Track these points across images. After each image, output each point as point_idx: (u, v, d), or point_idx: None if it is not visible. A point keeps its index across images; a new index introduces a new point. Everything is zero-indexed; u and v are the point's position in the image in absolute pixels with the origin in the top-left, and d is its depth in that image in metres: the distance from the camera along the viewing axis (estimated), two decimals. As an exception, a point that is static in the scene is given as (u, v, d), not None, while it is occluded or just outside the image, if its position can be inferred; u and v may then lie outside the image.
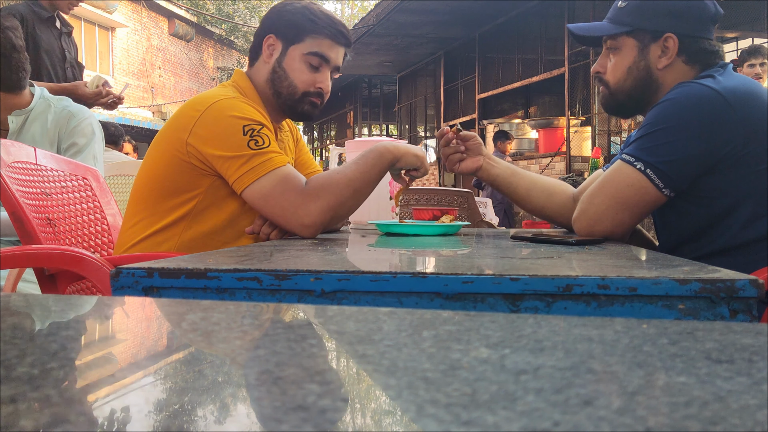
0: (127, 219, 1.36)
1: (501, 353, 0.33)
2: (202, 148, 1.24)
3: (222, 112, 1.25)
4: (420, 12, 8.73)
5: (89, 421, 0.25)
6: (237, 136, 1.23)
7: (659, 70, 1.29)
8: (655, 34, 1.28)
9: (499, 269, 0.69)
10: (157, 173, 1.30)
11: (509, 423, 0.23)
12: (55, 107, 1.81)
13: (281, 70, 1.40)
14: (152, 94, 17.09)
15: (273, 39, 1.41)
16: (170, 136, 1.29)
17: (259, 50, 1.44)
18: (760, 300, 0.61)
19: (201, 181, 1.27)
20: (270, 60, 1.41)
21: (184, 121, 1.27)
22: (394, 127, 15.76)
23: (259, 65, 1.44)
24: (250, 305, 0.48)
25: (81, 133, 1.81)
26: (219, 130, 1.24)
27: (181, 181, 1.27)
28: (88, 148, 1.81)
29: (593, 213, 1.21)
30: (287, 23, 1.40)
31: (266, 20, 1.44)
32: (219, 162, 1.24)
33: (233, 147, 1.23)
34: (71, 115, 1.81)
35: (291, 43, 1.40)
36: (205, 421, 0.25)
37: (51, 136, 1.79)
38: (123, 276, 0.68)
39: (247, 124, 1.24)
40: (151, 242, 1.30)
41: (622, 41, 1.32)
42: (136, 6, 16.48)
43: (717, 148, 1.15)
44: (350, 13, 25.56)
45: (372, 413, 0.27)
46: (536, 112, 9.79)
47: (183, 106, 1.33)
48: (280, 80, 1.40)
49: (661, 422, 0.23)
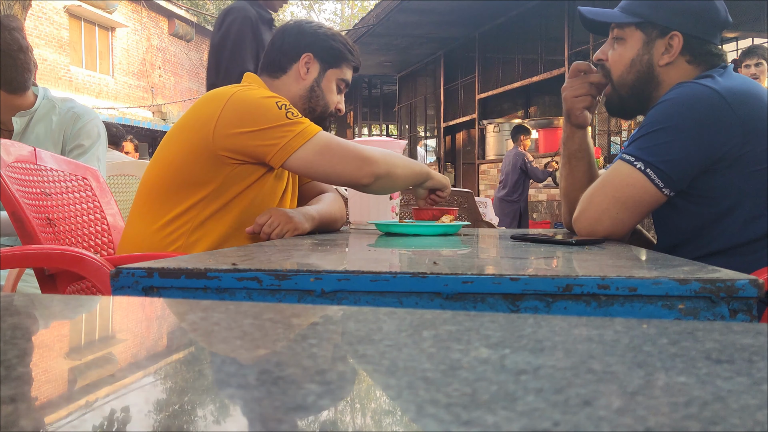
0: (135, 212, 1.37)
1: (501, 353, 0.33)
2: (234, 133, 1.27)
3: (247, 96, 1.30)
4: (420, 12, 8.73)
5: (89, 420, 0.25)
6: (273, 110, 1.28)
7: (660, 66, 1.29)
8: (663, 31, 1.28)
9: (499, 269, 0.69)
10: (173, 166, 1.32)
11: (509, 423, 0.23)
12: (59, 108, 1.81)
13: (320, 90, 1.51)
14: (152, 94, 17.09)
15: (310, 58, 1.49)
16: (191, 132, 1.32)
17: (286, 63, 1.49)
18: (760, 300, 0.61)
19: (220, 171, 1.30)
20: (308, 78, 1.50)
21: (205, 115, 1.30)
22: (394, 127, 15.76)
23: (288, 79, 1.50)
24: (250, 305, 0.48)
25: (87, 135, 1.82)
26: (251, 109, 1.28)
27: (198, 172, 1.30)
28: (92, 150, 1.82)
29: (593, 213, 1.21)
30: (329, 48, 1.50)
31: (301, 38, 1.50)
32: (255, 138, 1.26)
33: (272, 119, 1.27)
34: (77, 116, 1.82)
35: (330, 66, 1.51)
36: (205, 421, 0.25)
37: (56, 137, 1.79)
38: (123, 276, 0.68)
39: (279, 100, 1.31)
40: (163, 233, 1.31)
41: (630, 32, 1.32)
42: (136, 6, 16.48)
43: (716, 147, 1.15)
44: (350, 13, 25.54)
45: (372, 413, 0.27)
46: (536, 112, 9.79)
47: (198, 104, 1.36)
48: (317, 99, 1.51)
49: (661, 422, 0.23)
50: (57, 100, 1.83)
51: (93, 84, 14.96)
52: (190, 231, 1.31)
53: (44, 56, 13.08)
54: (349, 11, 26.07)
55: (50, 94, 1.85)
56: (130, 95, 16.24)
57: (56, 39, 13.77)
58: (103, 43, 15.51)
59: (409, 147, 12.47)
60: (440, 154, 11.49)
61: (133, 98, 16.26)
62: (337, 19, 27.08)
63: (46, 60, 13.23)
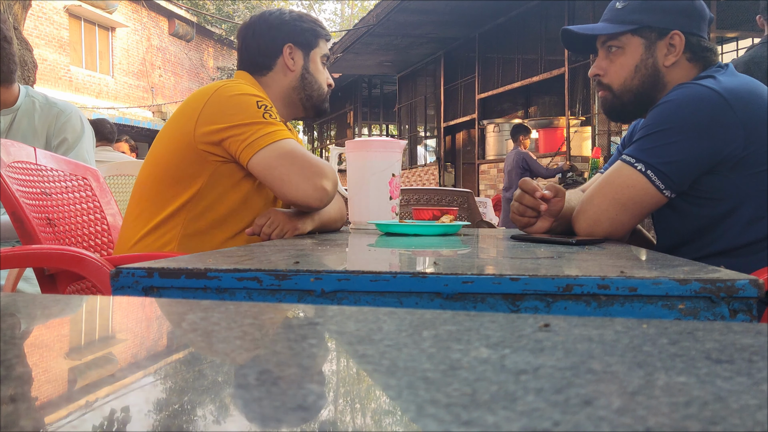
0: (130, 213, 1.37)
1: (501, 353, 0.33)
2: (212, 127, 1.26)
3: (230, 92, 1.29)
4: (420, 12, 8.73)
5: (89, 420, 0.25)
6: (251, 108, 1.28)
7: (666, 67, 1.29)
8: (662, 32, 1.28)
9: (499, 269, 0.69)
10: (160, 164, 1.32)
11: (509, 423, 0.23)
12: (40, 103, 1.80)
13: (310, 75, 1.49)
14: (152, 94, 17.09)
15: (291, 48, 1.47)
16: (176, 128, 1.32)
17: (269, 60, 1.47)
18: (760, 300, 0.61)
19: (204, 168, 1.29)
20: (296, 68, 1.48)
21: (189, 111, 1.30)
22: (394, 127, 15.76)
23: (276, 75, 1.48)
24: (250, 305, 0.48)
25: (71, 129, 1.81)
26: (230, 104, 1.28)
27: (184, 168, 1.29)
28: (79, 143, 1.81)
29: (593, 213, 1.21)
30: (303, 31, 1.48)
31: (275, 31, 1.47)
32: (228, 132, 1.25)
33: (248, 116, 1.26)
34: (60, 111, 1.81)
35: (311, 48, 1.50)
36: (205, 421, 0.25)
37: (40, 133, 1.78)
38: (123, 276, 0.68)
39: (260, 100, 1.30)
40: (155, 235, 1.31)
41: (626, 40, 1.31)
42: (136, 6, 16.47)
43: (717, 149, 1.15)
44: (350, 13, 25.53)
45: (372, 413, 0.27)
46: (536, 112, 9.79)
47: (186, 101, 1.36)
48: (311, 84, 1.50)
49: (661, 422, 0.23)
50: (37, 96, 1.82)
51: (93, 84, 14.96)
52: (181, 235, 1.31)
53: (44, 56, 13.07)
54: (349, 11, 26.07)
55: (31, 90, 1.84)
56: (130, 95, 16.24)
57: (56, 39, 13.77)
58: (103, 43, 15.51)
59: (409, 147, 12.48)
60: (440, 154, 11.49)
61: (133, 98, 16.26)
62: (337, 19, 27.10)
63: (46, 60, 13.22)
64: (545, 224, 1.26)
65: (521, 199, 1.24)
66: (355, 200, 1.56)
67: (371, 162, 1.47)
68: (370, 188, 1.48)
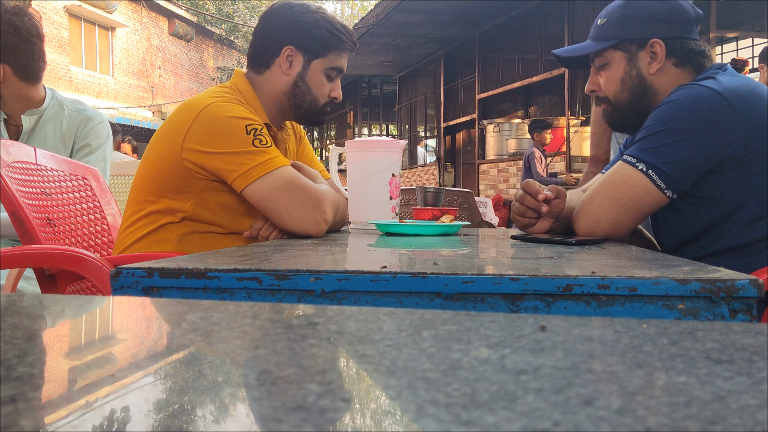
0: (125, 219, 1.37)
1: (501, 353, 0.33)
2: (199, 150, 1.23)
3: (217, 113, 1.24)
4: (420, 12, 8.73)
5: (89, 420, 0.25)
6: (240, 134, 1.23)
7: (651, 75, 1.31)
8: (641, 42, 1.30)
9: (499, 269, 0.69)
10: (152, 174, 1.31)
11: (509, 423, 0.23)
12: (68, 110, 1.81)
13: (304, 85, 1.40)
14: (152, 94, 17.10)
15: (292, 51, 1.38)
16: (165, 139, 1.29)
17: (268, 57, 1.40)
18: (760, 300, 0.61)
19: (194, 184, 1.27)
20: (291, 72, 1.40)
21: (177, 125, 1.27)
22: (394, 127, 15.77)
23: (271, 75, 1.41)
24: (250, 305, 0.48)
25: (96, 135, 1.83)
26: (219, 129, 1.23)
27: (175, 183, 1.28)
28: (100, 149, 1.83)
29: (593, 213, 1.21)
30: (311, 37, 1.38)
31: (281, 29, 1.39)
32: (218, 160, 1.22)
33: (237, 143, 1.22)
34: (89, 119, 1.83)
35: (314, 57, 1.40)
36: (205, 421, 0.25)
37: (66, 138, 1.79)
38: (123, 276, 0.68)
39: (249, 123, 1.25)
40: (148, 241, 1.30)
41: (609, 56, 1.33)
42: (136, 6, 16.48)
43: (719, 149, 1.15)
44: (350, 13, 25.55)
45: (372, 413, 0.27)
46: (536, 112, 9.78)
47: (177, 110, 1.33)
48: (303, 95, 1.41)
49: (661, 422, 0.23)
50: (66, 102, 1.83)
51: (93, 84, 14.96)
52: (179, 236, 1.30)
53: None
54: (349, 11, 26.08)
55: (58, 95, 1.85)
56: (130, 95, 16.25)
57: (56, 39, 13.77)
58: (103, 43, 15.52)
59: (409, 147, 12.47)
60: (440, 154, 11.49)
61: (133, 98, 16.26)
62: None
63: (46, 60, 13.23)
64: (545, 225, 1.26)
65: (522, 200, 1.24)
66: (355, 200, 1.56)
67: (371, 162, 1.47)
68: (370, 188, 1.48)
